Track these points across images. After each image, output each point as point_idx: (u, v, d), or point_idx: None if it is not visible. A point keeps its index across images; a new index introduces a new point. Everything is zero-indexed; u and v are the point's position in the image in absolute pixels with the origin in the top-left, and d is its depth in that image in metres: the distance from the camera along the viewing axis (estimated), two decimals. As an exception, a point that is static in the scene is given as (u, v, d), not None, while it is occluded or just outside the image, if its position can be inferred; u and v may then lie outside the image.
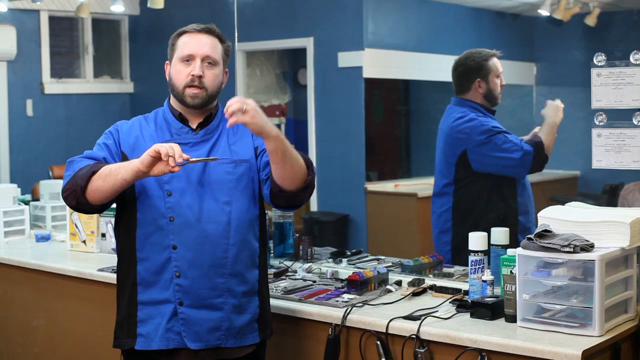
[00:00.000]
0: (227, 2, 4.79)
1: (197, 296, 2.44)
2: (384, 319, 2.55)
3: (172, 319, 2.45)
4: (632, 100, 2.68)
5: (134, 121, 2.59)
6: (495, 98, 3.61)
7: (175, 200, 2.44)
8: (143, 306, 2.48)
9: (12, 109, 6.88)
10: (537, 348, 2.23)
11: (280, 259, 3.44)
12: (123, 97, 7.60)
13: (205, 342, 2.45)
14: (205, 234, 2.43)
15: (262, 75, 8.36)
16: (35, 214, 4.50)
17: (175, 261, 2.43)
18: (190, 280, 2.43)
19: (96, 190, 2.37)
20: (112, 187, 2.36)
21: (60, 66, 7.28)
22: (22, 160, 6.85)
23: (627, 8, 6.51)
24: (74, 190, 2.39)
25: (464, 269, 3.11)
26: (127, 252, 2.51)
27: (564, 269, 2.36)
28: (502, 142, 3.45)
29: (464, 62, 3.62)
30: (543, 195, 5.52)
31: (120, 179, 2.33)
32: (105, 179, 2.35)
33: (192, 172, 2.45)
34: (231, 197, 2.44)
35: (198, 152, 2.47)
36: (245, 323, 2.50)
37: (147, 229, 2.46)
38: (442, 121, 3.67)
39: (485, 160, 3.50)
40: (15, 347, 3.82)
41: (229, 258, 2.45)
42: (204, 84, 2.47)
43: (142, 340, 2.48)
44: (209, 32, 2.52)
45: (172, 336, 2.45)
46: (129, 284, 2.50)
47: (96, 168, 2.39)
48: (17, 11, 6.71)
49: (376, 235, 6.11)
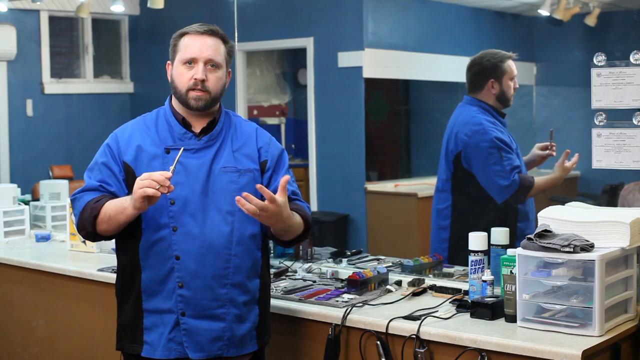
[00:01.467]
0: (227, 2, 4.79)
1: (200, 307, 2.43)
2: (384, 319, 2.55)
3: (174, 329, 2.44)
4: (632, 100, 2.68)
5: (133, 127, 2.54)
6: (508, 100, 3.60)
7: (179, 209, 2.42)
8: (148, 314, 2.47)
9: (12, 109, 6.88)
10: (537, 348, 2.23)
11: (280, 259, 3.44)
12: (123, 97, 7.60)
13: (207, 352, 2.44)
14: (208, 244, 2.41)
15: (262, 75, 8.36)
16: (35, 214, 4.50)
17: (178, 272, 2.42)
18: (193, 291, 2.42)
19: (104, 232, 2.46)
20: (117, 226, 2.42)
21: (60, 66, 7.28)
22: (22, 160, 6.85)
23: (627, 8, 6.51)
24: (87, 234, 2.48)
25: (464, 269, 3.11)
26: (130, 259, 2.49)
27: (564, 269, 2.36)
28: (494, 162, 3.45)
29: (479, 61, 3.61)
30: (543, 195, 5.51)
31: (123, 218, 2.39)
32: (109, 222, 2.42)
33: (195, 181, 2.43)
34: (234, 207, 2.39)
35: (201, 159, 2.45)
36: (245, 332, 2.50)
37: (151, 238, 2.44)
38: (452, 117, 3.67)
39: (477, 169, 3.51)
40: (15, 347, 3.82)
41: (231, 269, 2.44)
42: (207, 88, 2.44)
43: (147, 348, 2.47)
44: (212, 33, 2.48)
45: (173, 346, 2.44)
46: (134, 291, 2.48)
47: (96, 212, 2.42)
48: (17, 11, 6.70)
49: (376, 235, 6.11)
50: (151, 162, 2.45)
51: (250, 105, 8.02)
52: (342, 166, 6.44)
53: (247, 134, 2.53)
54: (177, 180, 2.39)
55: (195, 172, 2.42)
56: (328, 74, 6.46)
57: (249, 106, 7.87)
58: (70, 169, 6.35)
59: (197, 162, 2.43)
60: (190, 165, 2.44)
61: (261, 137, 2.57)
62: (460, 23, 6.70)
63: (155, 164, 2.44)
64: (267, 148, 2.55)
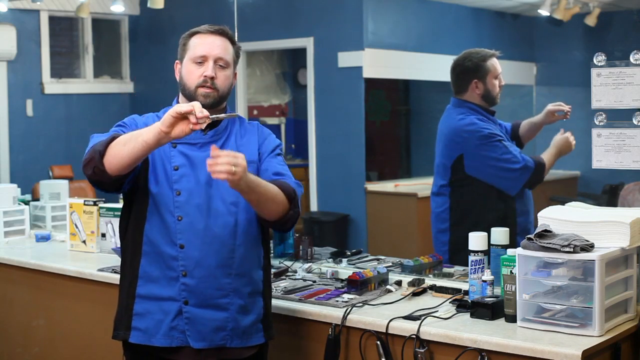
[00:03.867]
0: (227, 2, 4.79)
1: (203, 296, 2.44)
2: (384, 319, 2.55)
3: (176, 317, 2.45)
4: (632, 100, 2.68)
5: (147, 116, 2.60)
6: (494, 98, 3.58)
7: (184, 199, 2.45)
8: (141, 299, 2.49)
9: (12, 109, 6.88)
10: (537, 348, 2.23)
11: (280, 259, 3.44)
12: (123, 97, 7.61)
13: (209, 341, 2.46)
14: (212, 234, 2.44)
15: (262, 75, 8.37)
16: (35, 214, 4.50)
17: (182, 260, 2.44)
18: (196, 280, 2.44)
19: (114, 156, 2.32)
20: (132, 151, 2.29)
21: (60, 66, 7.28)
22: (22, 160, 6.85)
23: (627, 8, 6.51)
24: (92, 158, 2.35)
25: (464, 269, 3.11)
26: (132, 245, 2.51)
27: (564, 269, 2.36)
28: (502, 152, 3.44)
29: (461, 62, 3.60)
30: (543, 195, 5.52)
31: (141, 141, 2.26)
32: (126, 143, 2.30)
33: (200, 172, 2.46)
34: (238, 198, 2.43)
35: (206, 153, 2.46)
36: (250, 323, 2.51)
37: (155, 225, 2.47)
38: (442, 122, 3.66)
39: (482, 168, 3.49)
40: (15, 347, 3.83)
41: (236, 258, 2.46)
42: (216, 85, 2.49)
43: (139, 335, 2.48)
44: (221, 33, 2.53)
45: (176, 334, 2.46)
46: (130, 277, 2.51)
47: (116, 135, 2.37)
48: (17, 11, 6.71)
49: (376, 235, 6.11)
50: (158, 150, 2.44)
51: (250, 105, 8.03)
52: (342, 166, 6.44)
53: (250, 131, 2.59)
54: (183, 172, 2.45)
55: (200, 164, 2.45)
56: (328, 74, 6.46)
57: (249, 106, 7.87)
58: (70, 169, 6.35)
59: (202, 155, 2.46)
60: (196, 157, 2.48)
61: (261, 132, 2.63)
62: (460, 23, 6.70)
63: (161, 153, 2.48)
64: (263, 141, 2.59)
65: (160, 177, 2.47)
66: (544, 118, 3.61)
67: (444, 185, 3.60)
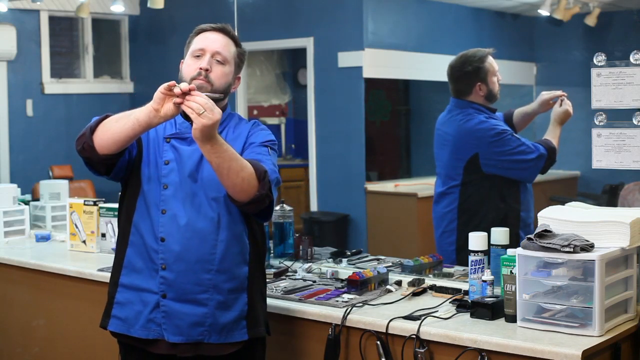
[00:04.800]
0: (227, 2, 4.79)
1: (181, 290, 2.45)
2: (384, 319, 2.55)
3: (154, 310, 2.47)
4: (632, 100, 2.68)
5: None
6: (495, 96, 3.62)
7: (170, 193, 2.47)
8: (123, 289, 2.52)
9: (12, 109, 6.88)
10: (537, 348, 2.23)
11: (280, 259, 3.43)
12: (123, 97, 7.60)
13: (186, 336, 2.46)
14: (194, 228, 2.44)
15: (262, 75, 8.37)
16: (35, 214, 4.50)
17: (162, 253, 2.45)
18: (175, 274, 2.45)
19: (105, 131, 2.37)
20: (123, 128, 2.33)
21: (60, 66, 7.28)
22: (22, 160, 6.85)
23: (627, 8, 6.51)
24: (83, 134, 2.41)
25: (464, 269, 3.11)
26: (122, 234, 2.56)
27: (564, 269, 2.36)
28: (516, 145, 3.46)
29: (460, 67, 3.61)
30: (543, 195, 5.52)
31: (133, 118, 2.32)
32: (118, 120, 2.36)
33: (186, 167, 2.48)
34: (220, 194, 2.44)
35: (194, 146, 2.45)
36: (230, 320, 2.49)
37: (143, 216, 2.50)
38: (444, 124, 3.64)
39: (499, 164, 3.50)
40: (15, 347, 3.83)
41: (217, 254, 2.46)
42: (210, 79, 2.49)
43: (118, 323, 2.52)
44: (223, 31, 2.56)
45: (153, 327, 2.47)
46: (116, 265, 2.56)
47: (104, 117, 2.41)
48: (17, 11, 6.71)
49: (376, 235, 6.11)
50: (152, 142, 2.53)
51: (250, 105, 8.03)
52: (342, 166, 6.44)
53: (244, 127, 2.59)
54: (172, 167, 2.48)
55: (187, 159, 2.48)
56: (328, 74, 6.46)
57: (249, 106, 7.88)
58: (70, 169, 6.35)
59: (189, 149, 2.48)
60: (184, 151, 2.50)
61: (255, 126, 2.61)
62: (460, 23, 6.71)
63: (155, 147, 2.52)
64: (252, 133, 2.58)
65: (152, 170, 2.50)
66: (538, 107, 3.62)
67: (455, 185, 3.59)
